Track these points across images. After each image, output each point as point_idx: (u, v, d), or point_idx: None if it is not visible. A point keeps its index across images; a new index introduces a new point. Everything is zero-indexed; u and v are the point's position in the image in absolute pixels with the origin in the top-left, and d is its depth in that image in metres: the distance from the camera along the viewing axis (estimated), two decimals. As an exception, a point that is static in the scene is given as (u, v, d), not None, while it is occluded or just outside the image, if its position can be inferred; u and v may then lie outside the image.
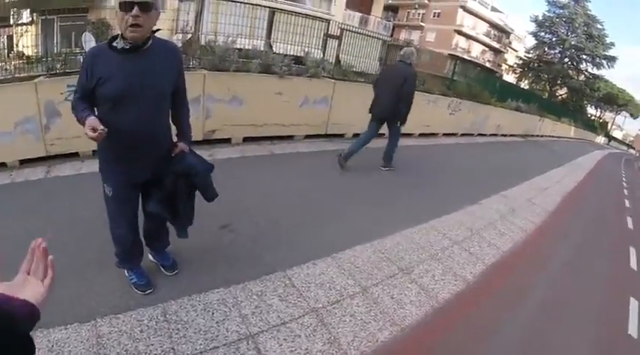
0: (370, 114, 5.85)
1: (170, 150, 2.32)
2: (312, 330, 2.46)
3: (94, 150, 5.22)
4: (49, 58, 6.13)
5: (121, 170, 2.21)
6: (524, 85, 38.82)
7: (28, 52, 7.29)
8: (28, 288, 0.73)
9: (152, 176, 2.29)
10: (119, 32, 1.97)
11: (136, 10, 1.80)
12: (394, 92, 5.44)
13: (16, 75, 5.41)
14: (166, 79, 2.15)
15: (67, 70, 5.53)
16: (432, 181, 6.28)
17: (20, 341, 0.65)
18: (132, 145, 2.11)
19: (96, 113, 2.01)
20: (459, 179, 6.77)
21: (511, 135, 15.24)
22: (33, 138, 4.98)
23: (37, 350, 2.09)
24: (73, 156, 5.05)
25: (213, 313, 2.46)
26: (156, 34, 2.09)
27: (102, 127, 1.83)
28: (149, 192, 2.34)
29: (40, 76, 5.36)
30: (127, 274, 2.65)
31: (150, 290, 2.59)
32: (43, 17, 12.32)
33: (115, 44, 1.96)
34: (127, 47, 1.94)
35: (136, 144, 2.11)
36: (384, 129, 6.14)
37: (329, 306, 2.72)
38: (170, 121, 2.36)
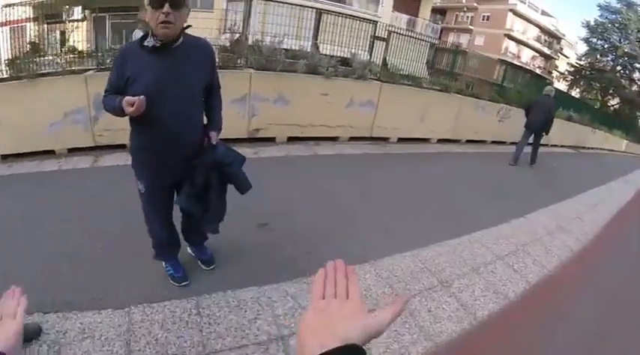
0: (525, 128, 8.32)
1: (202, 146, 2.27)
2: (343, 337, 2.35)
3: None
4: (100, 53, 6.30)
5: (152, 169, 2.21)
6: (576, 93, 37.08)
7: (80, 46, 7.58)
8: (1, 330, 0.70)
9: (184, 174, 2.25)
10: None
11: (167, 7, 1.78)
12: (544, 115, 7.96)
13: (67, 68, 5.63)
14: (198, 75, 2.12)
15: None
16: (477, 191, 6.01)
17: None
18: (164, 143, 2.08)
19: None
20: (507, 191, 6.44)
21: (562, 146, 14.52)
22: (81, 129, 5.24)
23: (68, 331, 2.07)
24: (120, 147, 5.16)
25: (245, 311, 2.42)
26: (188, 31, 2.06)
27: (138, 97, 1.83)
28: (180, 187, 2.30)
29: (90, 69, 5.57)
30: (164, 265, 2.67)
31: (185, 283, 2.60)
32: (95, 14, 12.80)
33: (145, 43, 1.95)
34: (158, 45, 1.93)
35: (167, 141, 2.09)
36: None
37: None
38: (203, 118, 2.33)
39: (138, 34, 7.35)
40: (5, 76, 5.51)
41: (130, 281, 2.57)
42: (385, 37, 9.20)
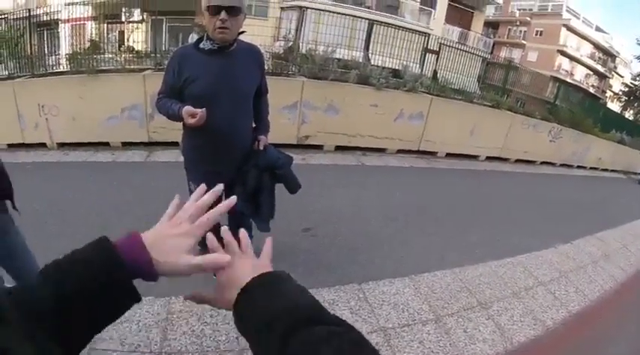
0: None
1: (251, 147, 2.35)
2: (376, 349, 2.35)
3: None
4: (157, 54, 6.59)
5: (207, 169, 2.25)
6: (629, 115, 35.40)
7: (138, 47, 7.94)
8: (179, 242, 0.60)
9: (235, 174, 2.33)
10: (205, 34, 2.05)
11: (224, 14, 1.85)
12: None
13: (126, 66, 5.93)
14: (249, 79, 2.21)
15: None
16: (525, 213, 5.85)
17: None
18: (217, 144, 2.15)
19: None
20: (554, 214, 6.22)
21: (612, 171, 13.85)
22: (137, 125, 5.57)
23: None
24: (173, 145, 5.38)
25: None
26: (241, 38, 2.14)
27: (200, 109, 1.90)
28: (232, 189, 2.36)
29: (148, 69, 5.85)
30: None
31: None
32: (153, 17, 13.32)
33: (202, 46, 2.04)
34: (215, 48, 2.01)
35: (221, 142, 2.15)
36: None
37: (398, 328, 2.61)
38: (252, 121, 2.41)
39: (194, 37, 7.67)
40: (66, 69, 5.90)
41: (174, 274, 2.69)
42: (437, 49, 9.11)
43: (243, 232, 0.70)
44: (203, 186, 0.71)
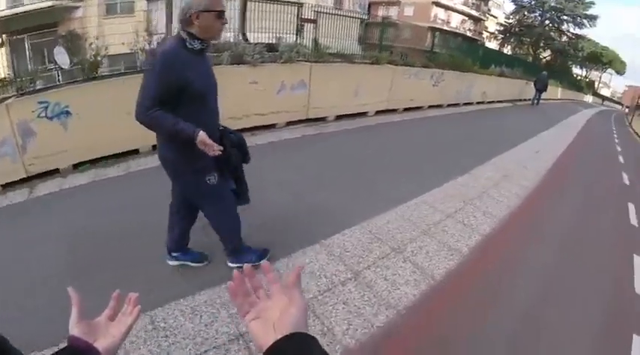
0: (536, 90, 16.79)
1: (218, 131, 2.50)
2: (303, 322, 2.33)
3: (74, 165, 4.98)
4: (19, 78, 5.85)
5: (213, 157, 2.24)
6: (507, 50, 38.63)
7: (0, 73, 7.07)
8: (108, 335, 0.75)
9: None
10: (182, 36, 2.06)
11: (224, 17, 2.08)
12: (543, 83, 16.71)
13: None
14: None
15: (38, 87, 5.30)
16: (419, 156, 6.13)
17: None
18: (214, 131, 2.26)
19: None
20: (447, 151, 6.61)
21: (499, 102, 15.08)
22: (10, 161, 4.72)
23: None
24: (54, 172, 4.82)
25: (201, 316, 2.35)
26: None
27: (218, 146, 2.08)
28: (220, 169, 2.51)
29: (10, 97, 5.11)
30: (245, 255, 2.79)
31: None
32: (12, 37, 11.94)
33: (189, 46, 2.06)
34: (204, 47, 2.12)
35: (216, 129, 2.31)
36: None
37: (320, 296, 2.60)
38: None
39: (59, 50, 6.97)
40: None
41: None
42: (314, 18, 9.15)
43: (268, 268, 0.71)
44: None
